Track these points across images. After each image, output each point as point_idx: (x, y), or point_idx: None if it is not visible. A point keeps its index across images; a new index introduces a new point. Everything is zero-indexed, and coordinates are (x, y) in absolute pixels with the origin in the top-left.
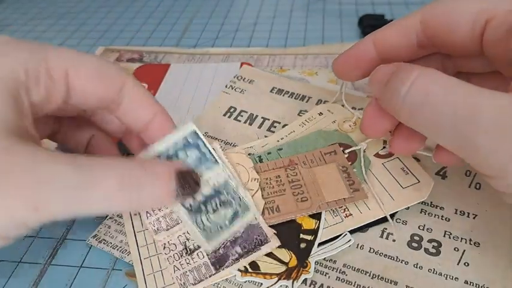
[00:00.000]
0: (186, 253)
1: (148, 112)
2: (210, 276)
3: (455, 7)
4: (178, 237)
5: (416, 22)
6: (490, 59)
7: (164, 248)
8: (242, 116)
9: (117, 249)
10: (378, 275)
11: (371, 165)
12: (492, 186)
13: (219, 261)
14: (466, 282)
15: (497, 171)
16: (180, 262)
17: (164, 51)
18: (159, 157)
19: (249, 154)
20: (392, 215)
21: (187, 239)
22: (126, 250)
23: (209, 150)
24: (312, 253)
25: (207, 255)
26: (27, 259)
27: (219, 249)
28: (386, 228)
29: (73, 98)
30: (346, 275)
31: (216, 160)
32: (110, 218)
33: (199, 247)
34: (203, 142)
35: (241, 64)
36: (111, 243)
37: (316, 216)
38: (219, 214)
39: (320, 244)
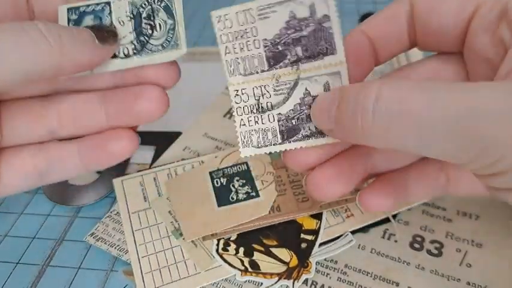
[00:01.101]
0: (257, 110)
1: None
2: (273, 145)
3: None
4: (253, 88)
5: (405, 4)
6: (468, 57)
7: (236, 95)
8: None
9: (115, 248)
10: (380, 276)
11: None
12: (497, 187)
13: (288, 132)
14: (468, 283)
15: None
16: (248, 118)
17: None
18: None
19: None
20: (394, 216)
21: (263, 95)
22: (124, 248)
23: (95, 3)
24: (313, 253)
25: (278, 121)
26: (25, 260)
27: (292, 118)
28: (388, 229)
29: None
30: (348, 275)
31: (106, 1)
32: (108, 216)
33: (272, 107)
34: (82, 4)
35: None
36: (109, 241)
37: (317, 217)
38: (160, 23)
39: (321, 244)
